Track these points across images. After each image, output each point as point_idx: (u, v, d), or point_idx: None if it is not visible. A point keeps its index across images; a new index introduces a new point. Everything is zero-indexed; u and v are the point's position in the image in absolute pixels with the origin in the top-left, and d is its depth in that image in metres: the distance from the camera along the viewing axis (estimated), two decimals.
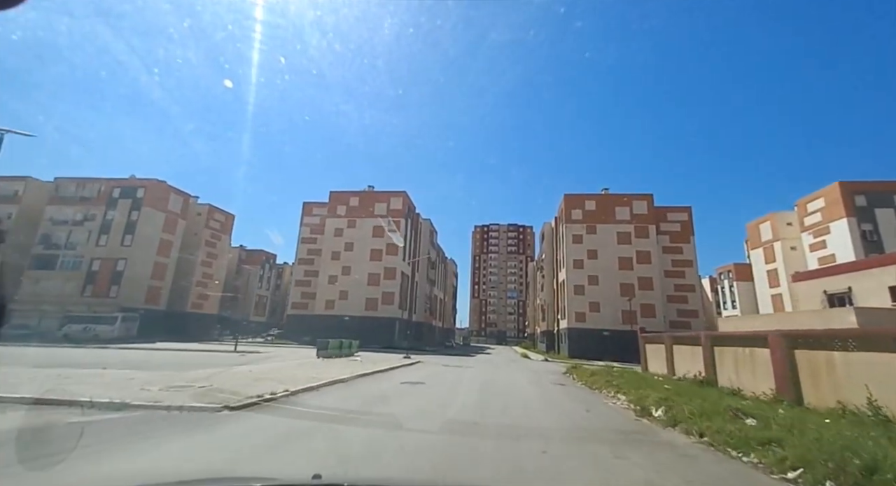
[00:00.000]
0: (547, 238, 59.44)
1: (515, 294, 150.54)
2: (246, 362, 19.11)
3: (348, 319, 46.20)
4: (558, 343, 50.19)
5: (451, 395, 12.25)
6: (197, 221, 56.56)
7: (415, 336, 55.77)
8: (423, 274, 60.04)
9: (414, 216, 56.33)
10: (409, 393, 12.14)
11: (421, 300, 58.57)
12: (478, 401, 11.17)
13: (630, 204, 46.10)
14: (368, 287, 47.42)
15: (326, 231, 50.37)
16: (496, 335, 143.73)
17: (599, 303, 43.96)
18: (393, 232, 46.72)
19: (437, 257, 70.81)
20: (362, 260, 48.35)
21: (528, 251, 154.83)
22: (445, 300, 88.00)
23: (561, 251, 49.29)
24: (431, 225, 64.41)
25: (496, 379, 17.66)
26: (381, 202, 50.41)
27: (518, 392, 13.74)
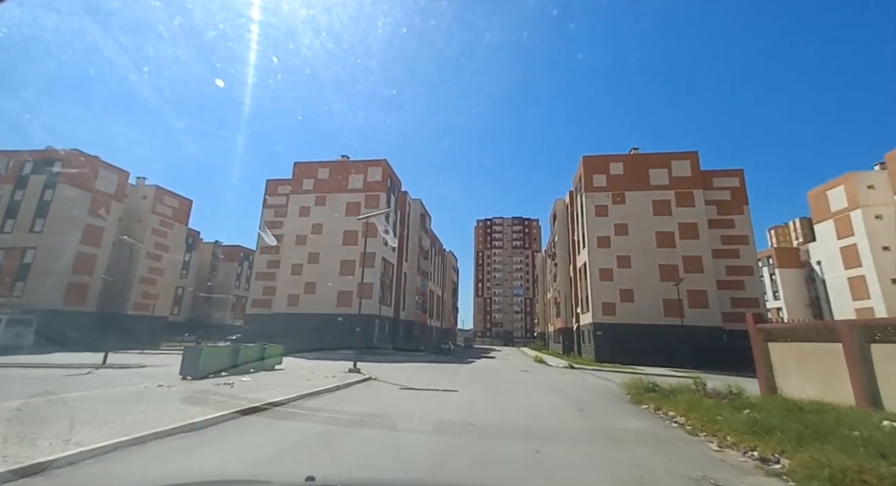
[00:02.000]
0: (560, 217, 49.70)
1: (522, 292, 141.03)
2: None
3: (316, 317, 36.74)
4: (579, 343, 40.39)
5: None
6: (140, 205, 47.45)
7: (404, 337, 46.18)
8: (412, 264, 50.53)
9: (399, 193, 46.83)
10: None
11: (411, 295, 49.03)
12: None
13: (668, 165, 36.32)
14: (341, 278, 37.96)
15: (290, 210, 41.02)
16: (502, 336, 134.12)
17: (633, 291, 34.18)
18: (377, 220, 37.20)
19: (431, 246, 61.26)
20: (333, 245, 38.92)
21: (535, 246, 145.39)
22: (444, 298, 78.39)
23: (580, 229, 39.58)
24: (423, 207, 54.88)
25: (497, 444, 7.99)
26: (357, 174, 40.98)
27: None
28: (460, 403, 10.55)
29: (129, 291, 44.67)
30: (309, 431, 7.36)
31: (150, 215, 47.63)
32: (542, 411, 9.94)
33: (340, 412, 9.02)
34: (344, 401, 10.50)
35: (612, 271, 35.10)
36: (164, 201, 49.81)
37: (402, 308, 46.26)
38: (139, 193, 47.98)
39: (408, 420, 8.18)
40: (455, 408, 9.86)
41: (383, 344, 38.22)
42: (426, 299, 56.83)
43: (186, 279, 69.51)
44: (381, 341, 38.38)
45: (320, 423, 7.94)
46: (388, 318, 41.29)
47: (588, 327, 36.48)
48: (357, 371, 16.02)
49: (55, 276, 36.55)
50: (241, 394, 10.28)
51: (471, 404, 10.36)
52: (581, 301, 39.74)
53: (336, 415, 8.65)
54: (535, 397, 11.62)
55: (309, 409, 9.23)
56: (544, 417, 9.15)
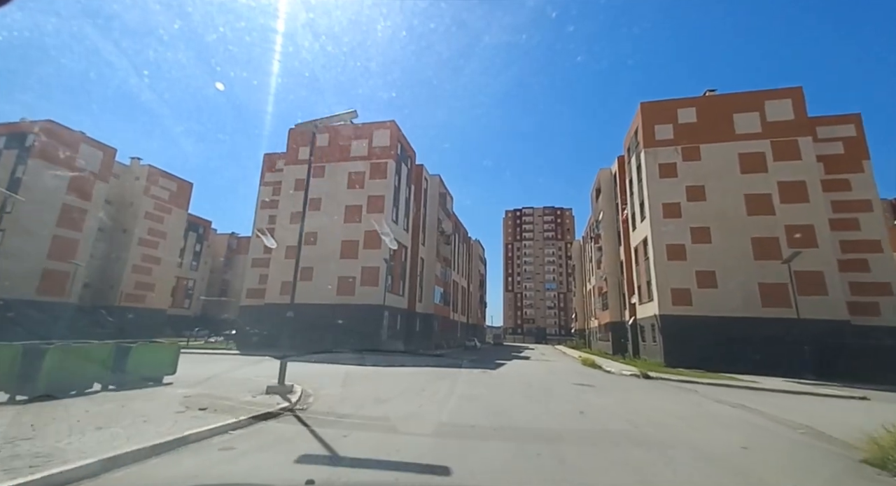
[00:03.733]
0: (605, 190, 41.28)
1: (555, 286, 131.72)
2: None
3: (312, 309, 30.64)
4: (636, 341, 32.20)
5: None
6: (132, 187, 43.23)
7: (422, 333, 39.53)
8: (431, 249, 43.70)
9: (413, 165, 40.04)
10: None
11: (429, 285, 42.26)
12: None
13: (760, 106, 27.41)
14: (342, 262, 31.66)
15: (284, 184, 35.14)
16: (534, 333, 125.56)
17: (715, 273, 25.77)
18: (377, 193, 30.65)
19: (454, 231, 54.22)
20: (334, 223, 32.66)
21: (568, 236, 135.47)
22: (470, 291, 71.23)
23: (636, 198, 31.32)
24: (443, 185, 47.90)
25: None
26: (361, 139, 34.49)
27: None
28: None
29: (118, 280, 40.48)
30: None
31: (142, 198, 43.33)
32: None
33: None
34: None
35: (685, 247, 26.76)
36: (160, 183, 45.48)
37: (418, 299, 39.58)
38: (132, 174, 43.79)
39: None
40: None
41: (393, 342, 31.67)
42: (448, 290, 49.91)
43: (197, 272, 66.05)
44: (391, 338, 31.85)
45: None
46: (401, 310, 34.70)
47: (651, 322, 28.34)
48: (283, 392, 9.18)
49: (27, 261, 32.36)
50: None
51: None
52: (639, 289, 31.52)
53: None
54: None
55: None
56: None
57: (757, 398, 11.89)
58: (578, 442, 6.40)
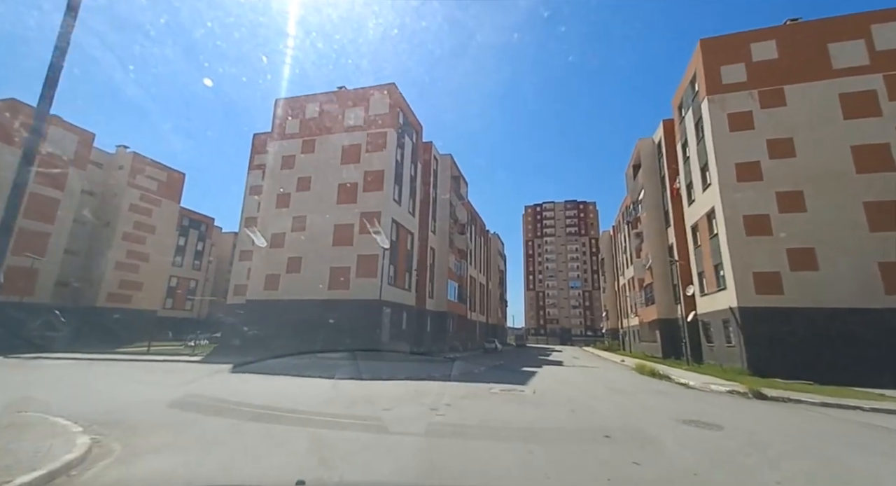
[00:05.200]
0: (648, 162, 34.91)
1: (580, 284, 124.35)
2: None
3: (300, 306, 25.70)
4: (697, 342, 25.83)
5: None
6: (115, 176, 39.51)
7: (434, 333, 34.18)
8: (443, 239, 38.28)
9: (417, 138, 34.76)
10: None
11: (441, 279, 36.83)
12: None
13: (866, 32, 20.82)
14: (335, 250, 26.59)
15: (271, 162, 30.37)
16: (558, 334, 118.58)
17: (815, 250, 19.37)
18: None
19: (469, 221, 48.65)
20: (325, 204, 27.66)
21: (592, 231, 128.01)
22: (490, 288, 65.46)
23: (696, 161, 25.05)
24: (456, 167, 42.46)
25: None
26: (356, 106, 29.42)
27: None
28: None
29: (99, 279, 36.70)
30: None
31: (126, 189, 39.58)
32: None
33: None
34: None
35: (769, 219, 20.42)
36: (147, 173, 41.70)
37: (429, 295, 34.19)
38: (116, 163, 40.14)
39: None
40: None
41: (397, 343, 26.32)
42: (465, 285, 44.35)
43: (200, 272, 62.60)
44: (394, 339, 26.54)
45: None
46: (406, 307, 29.37)
47: (721, 317, 22.05)
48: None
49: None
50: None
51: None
52: (701, 277, 25.21)
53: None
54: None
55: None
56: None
57: None
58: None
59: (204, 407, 8.04)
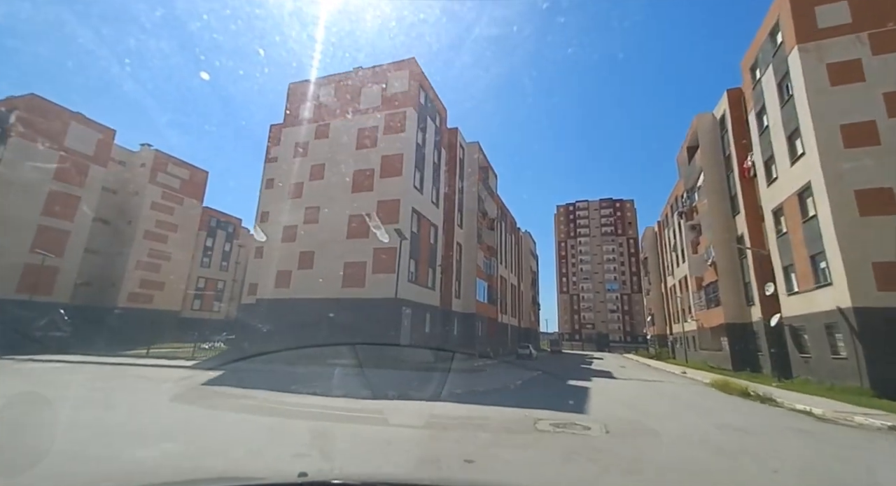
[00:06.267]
0: (708, 141, 30.07)
1: (617, 286, 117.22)
2: None
3: (313, 305, 23.13)
4: (783, 351, 21.03)
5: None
6: (137, 174, 38.98)
7: (461, 336, 30.87)
8: (470, 233, 34.95)
9: (441, 122, 31.73)
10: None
11: (469, 277, 33.46)
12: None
13: None
14: (349, 243, 23.88)
15: (283, 151, 28.24)
16: (595, 339, 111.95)
17: None
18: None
19: (499, 216, 45.09)
20: (340, 193, 25.09)
21: (630, 231, 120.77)
22: (521, 289, 61.34)
23: (778, 130, 20.41)
24: (484, 157, 39.11)
25: None
26: (373, 85, 26.76)
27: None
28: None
29: (119, 278, 36.00)
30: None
31: (147, 186, 38.95)
32: None
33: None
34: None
35: (893, 193, 15.71)
36: (168, 170, 41.07)
37: (455, 294, 30.93)
38: (138, 160, 39.69)
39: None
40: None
41: (419, 348, 23.21)
42: (494, 285, 40.75)
43: (228, 272, 62.31)
44: (416, 343, 23.45)
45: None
46: (430, 307, 26.22)
47: (823, 321, 17.39)
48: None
49: (4, 255, 28.09)
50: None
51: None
52: (787, 271, 20.47)
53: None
54: None
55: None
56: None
57: None
58: None
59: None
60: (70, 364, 16.69)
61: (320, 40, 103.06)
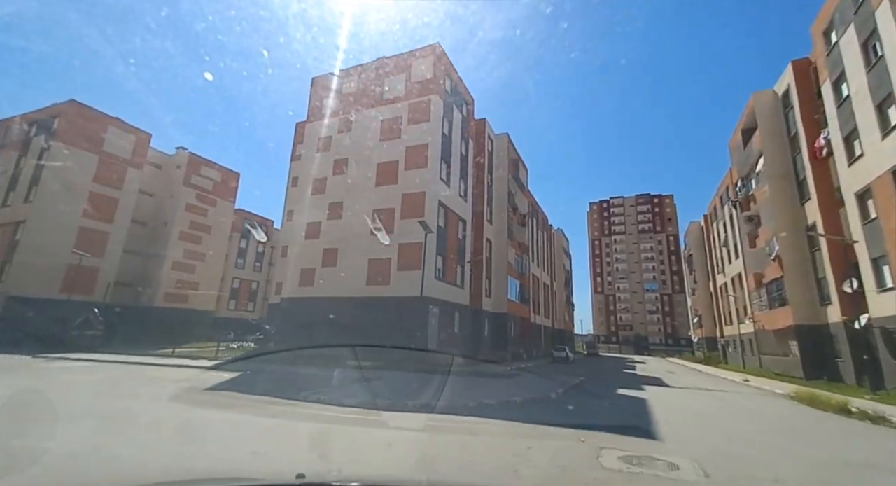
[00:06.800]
0: (769, 121, 26.76)
1: (657, 286, 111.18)
2: None
3: (336, 304, 22.20)
4: (875, 359, 17.90)
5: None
6: (172, 176, 39.96)
7: (493, 337, 29.20)
8: (500, 229, 33.15)
9: (468, 112, 30.19)
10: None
11: (500, 275, 31.68)
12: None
13: None
14: (373, 238, 22.76)
15: (306, 147, 27.63)
16: (632, 341, 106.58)
17: None
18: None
19: (530, 213, 42.99)
20: (363, 186, 24.09)
21: (670, 228, 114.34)
22: (554, 289, 58.71)
23: (864, 96, 17.40)
24: (513, 147, 37.23)
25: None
26: (395, 75, 25.63)
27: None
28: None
29: (157, 278, 36.85)
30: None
31: (182, 188, 39.82)
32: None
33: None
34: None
35: None
36: (202, 172, 41.91)
37: (485, 293, 29.25)
38: (173, 163, 40.70)
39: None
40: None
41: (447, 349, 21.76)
42: (527, 284, 38.69)
43: (261, 273, 63.51)
44: (444, 345, 22.03)
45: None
46: (459, 306, 24.71)
47: None
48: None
49: (48, 256, 29.13)
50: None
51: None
52: (879, 264, 17.39)
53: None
54: None
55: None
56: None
57: None
58: None
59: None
60: (93, 363, 16.46)
61: (325, 42, 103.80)
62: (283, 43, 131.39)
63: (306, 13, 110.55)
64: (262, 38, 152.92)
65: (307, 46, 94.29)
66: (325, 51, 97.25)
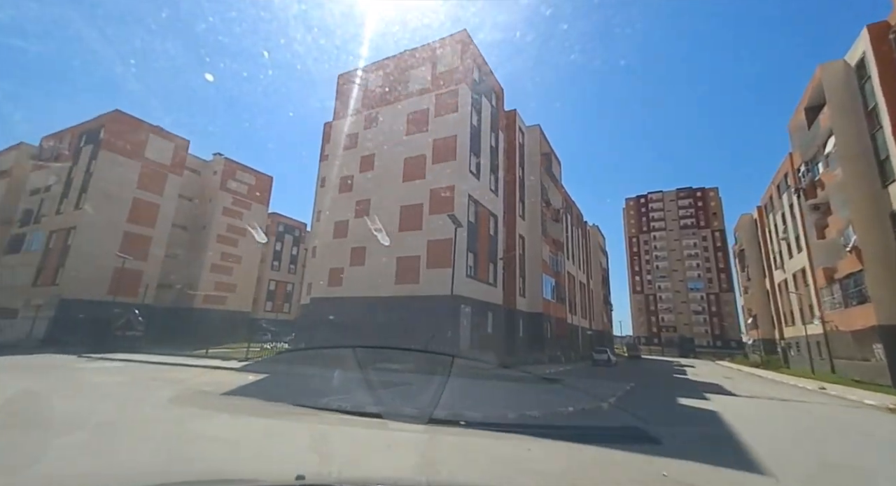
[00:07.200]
0: (840, 96, 23.68)
1: (702, 285, 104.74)
2: None
3: (365, 304, 21.59)
4: None
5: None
6: (209, 181, 41.17)
7: (528, 338, 27.75)
8: (533, 225, 31.58)
9: (498, 102, 28.88)
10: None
11: (534, 273, 30.11)
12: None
13: None
14: (402, 236, 22.00)
15: (332, 145, 27.30)
16: (677, 343, 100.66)
17: None
18: None
19: (564, 208, 41.01)
20: (390, 182, 23.40)
21: (715, 223, 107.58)
22: (591, 288, 56.07)
23: None
24: (545, 139, 35.54)
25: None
26: (421, 66, 24.78)
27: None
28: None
29: (196, 280, 37.99)
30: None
31: (219, 193, 40.94)
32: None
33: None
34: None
35: None
36: (237, 176, 43.00)
37: (519, 292, 27.82)
38: (210, 168, 41.96)
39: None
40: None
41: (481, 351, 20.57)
42: (562, 282, 36.79)
43: (296, 275, 64.80)
44: (477, 346, 20.87)
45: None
46: (492, 306, 23.45)
47: None
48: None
49: (97, 260, 30.51)
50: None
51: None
52: None
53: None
54: None
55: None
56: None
57: None
58: None
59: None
60: (127, 364, 16.60)
61: (324, 43, 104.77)
62: (284, 44, 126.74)
63: (307, 14, 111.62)
64: (262, 40, 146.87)
65: (307, 47, 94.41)
66: (325, 52, 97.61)
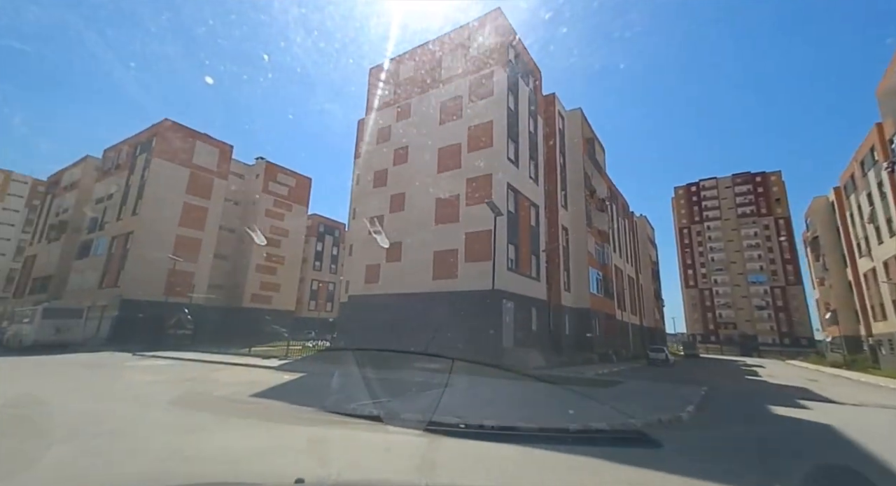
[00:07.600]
0: None
1: (765, 278, 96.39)
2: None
3: (402, 301, 20.90)
4: None
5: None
6: (252, 185, 42.48)
7: (574, 336, 25.98)
8: (577, 215, 29.58)
9: (535, 85, 27.17)
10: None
11: (578, 266, 28.16)
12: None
13: None
14: (438, 229, 21.08)
15: (366, 139, 26.87)
16: (737, 341, 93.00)
17: None
18: None
19: (609, 198, 38.37)
20: (424, 174, 22.55)
21: (779, 210, 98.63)
22: (640, 282, 52.56)
23: None
24: (587, 124, 33.27)
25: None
26: (453, 51, 23.69)
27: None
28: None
29: (244, 281, 39.31)
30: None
31: (262, 195, 42.18)
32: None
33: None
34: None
35: None
36: (278, 179, 44.16)
37: (564, 287, 26.06)
38: (253, 172, 43.35)
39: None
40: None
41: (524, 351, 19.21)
42: (609, 276, 34.36)
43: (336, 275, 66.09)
44: (521, 345, 19.53)
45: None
46: (536, 301, 21.97)
47: None
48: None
49: (152, 262, 32.19)
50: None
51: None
52: None
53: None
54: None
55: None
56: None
57: None
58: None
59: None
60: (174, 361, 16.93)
61: (324, 47, 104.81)
62: (284, 47, 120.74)
63: (307, 17, 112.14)
64: (263, 43, 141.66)
65: (307, 50, 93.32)
66: (325, 55, 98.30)
